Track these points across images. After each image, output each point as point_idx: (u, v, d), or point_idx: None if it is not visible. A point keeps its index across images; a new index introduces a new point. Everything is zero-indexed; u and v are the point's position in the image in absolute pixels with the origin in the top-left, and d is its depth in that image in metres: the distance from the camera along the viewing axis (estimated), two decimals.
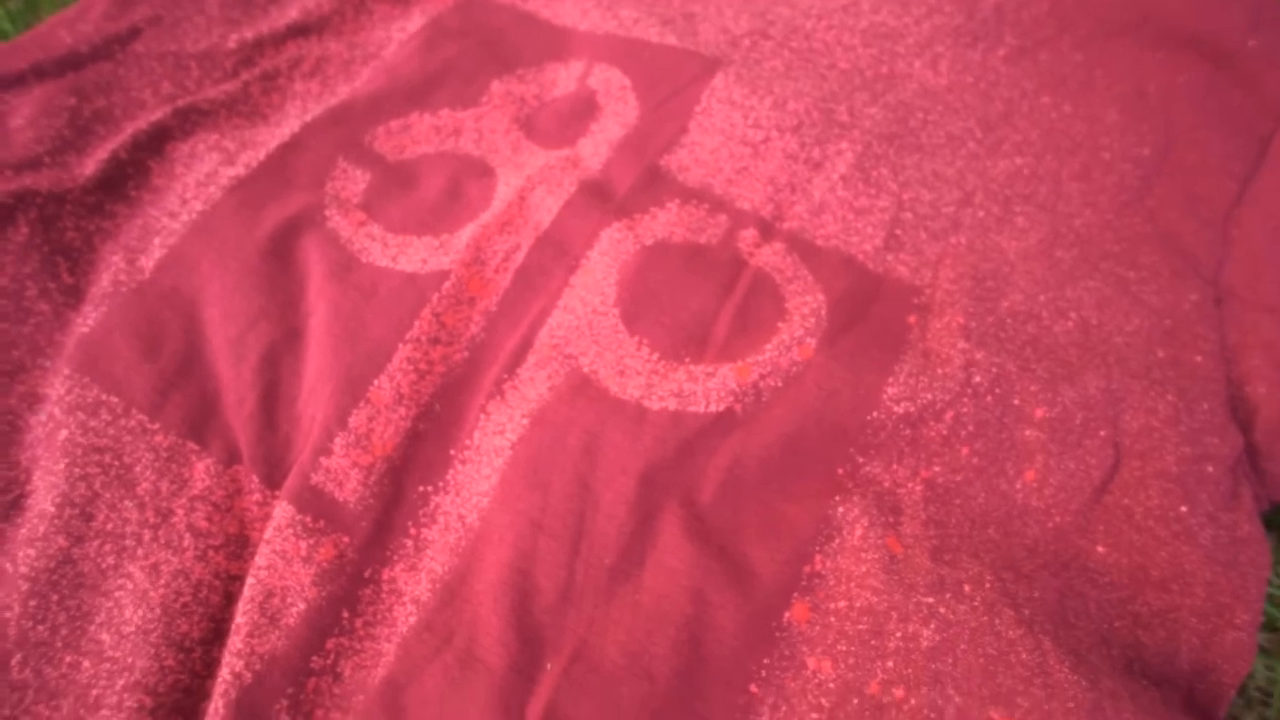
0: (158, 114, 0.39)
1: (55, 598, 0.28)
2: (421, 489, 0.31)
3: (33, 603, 0.28)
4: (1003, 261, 0.35)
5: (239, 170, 0.38)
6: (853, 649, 0.26)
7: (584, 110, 0.41)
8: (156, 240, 0.36)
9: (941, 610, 0.26)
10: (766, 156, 0.38)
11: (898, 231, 0.36)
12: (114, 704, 0.26)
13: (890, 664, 0.26)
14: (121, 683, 0.26)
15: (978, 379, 0.30)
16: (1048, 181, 0.38)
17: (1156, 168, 0.37)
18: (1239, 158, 0.37)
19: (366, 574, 0.29)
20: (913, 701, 0.25)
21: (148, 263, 0.35)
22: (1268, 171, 0.36)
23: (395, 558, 0.29)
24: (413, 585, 0.29)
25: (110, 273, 0.35)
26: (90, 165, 0.37)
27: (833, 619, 0.27)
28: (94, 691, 0.26)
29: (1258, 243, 0.35)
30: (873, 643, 0.26)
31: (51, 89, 0.39)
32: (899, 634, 0.26)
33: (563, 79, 0.42)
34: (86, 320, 0.34)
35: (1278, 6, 0.39)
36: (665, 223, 0.36)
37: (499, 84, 0.42)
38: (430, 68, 0.42)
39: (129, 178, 0.38)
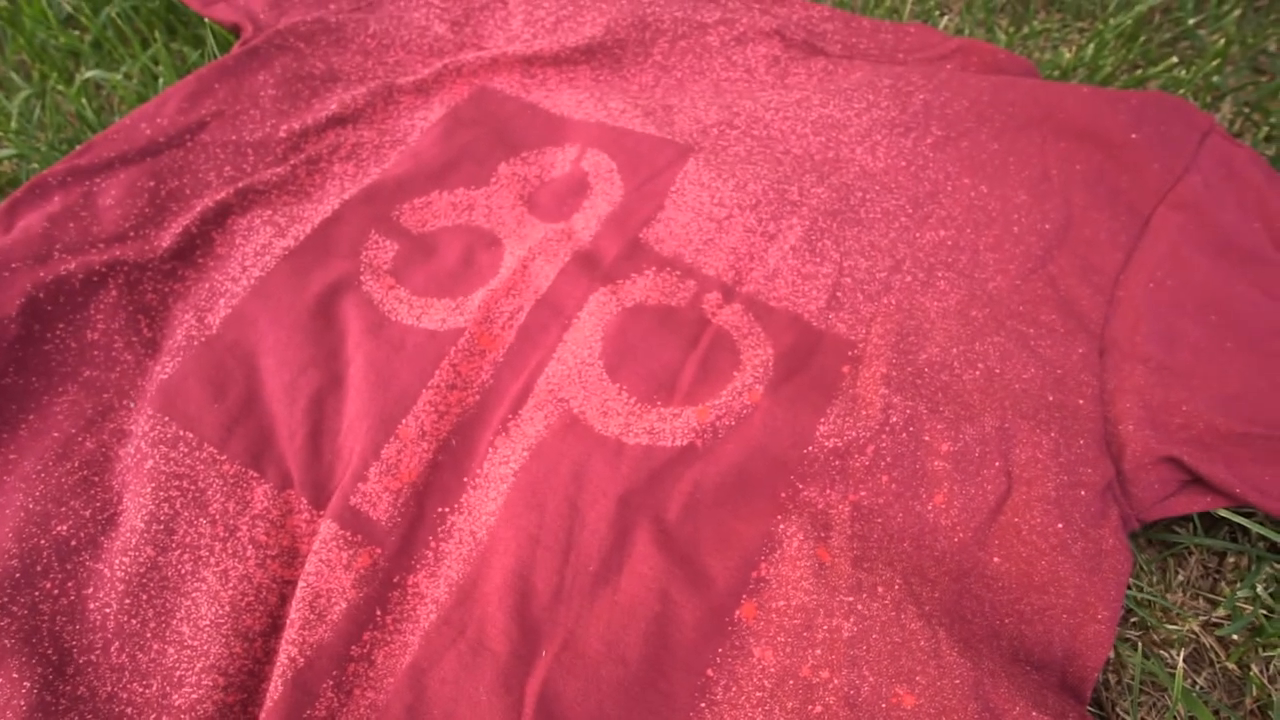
0: (221, 193, 0.47)
1: (145, 597, 0.34)
2: (440, 509, 0.37)
3: (127, 601, 0.34)
4: (925, 319, 0.42)
5: (289, 242, 0.45)
6: (789, 640, 0.33)
7: (578, 189, 0.48)
8: (221, 301, 0.43)
9: (859, 607, 0.33)
10: (729, 230, 0.45)
11: (838, 294, 0.43)
12: (194, 683, 0.32)
13: (819, 651, 0.32)
14: (200, 665, 0.33)
15: (894, 419, 0.37)
16: (967, 251, 0.45)
17: (1057, 240, 0.44)
18: (1125, 232, 0.44)
19: (395, 579, 0.35)
20: (835, 681, 0.31)
21: (214, 320, 0.42)
22: (1148, 245, 0.43)
23: (419, 566, 0.36)
24: (433, 588, 0.35)
25: (183, 328, 0.42)
26: (166, 238, 0.45)
27: (774, 615, 0.33)
28: (178, 673, 0.33)
29: (1137, 304, 0.41)
30: (805, 634, 0.33)
31: (134, 173, 0.47)
32: (825, 627, 0.32)
33: (560, 162, 0.50)
34: (165, 368, 0.41)
35: (1155, 108, 0.46)
36: (643, 287, 0.43)
37: (506, 166, 0.50)
38: (448, 152, 0.50)
39: (198, 248, 0.45)
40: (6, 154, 0.52)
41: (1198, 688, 0.35)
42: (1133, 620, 0.36)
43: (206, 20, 0.57)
